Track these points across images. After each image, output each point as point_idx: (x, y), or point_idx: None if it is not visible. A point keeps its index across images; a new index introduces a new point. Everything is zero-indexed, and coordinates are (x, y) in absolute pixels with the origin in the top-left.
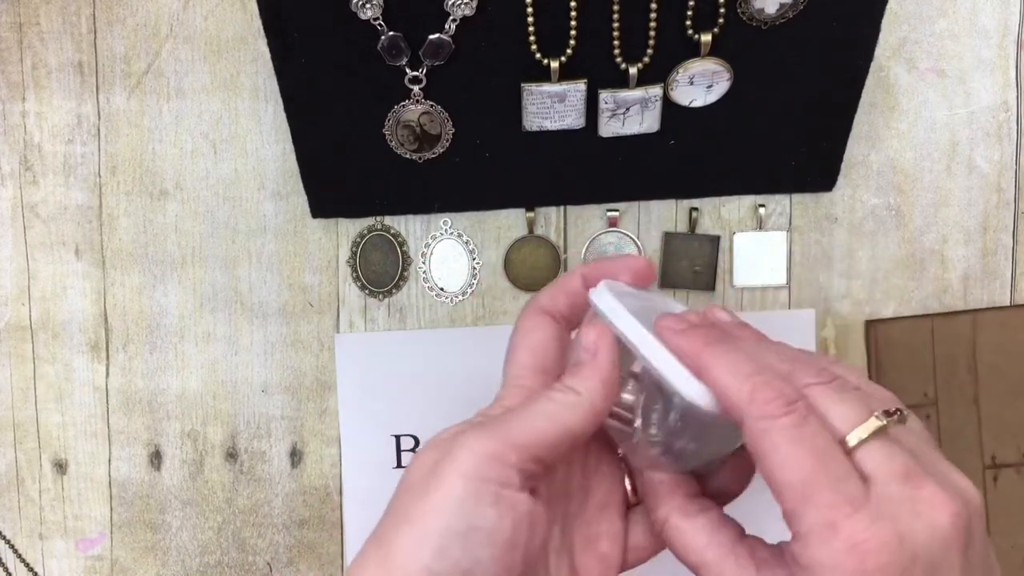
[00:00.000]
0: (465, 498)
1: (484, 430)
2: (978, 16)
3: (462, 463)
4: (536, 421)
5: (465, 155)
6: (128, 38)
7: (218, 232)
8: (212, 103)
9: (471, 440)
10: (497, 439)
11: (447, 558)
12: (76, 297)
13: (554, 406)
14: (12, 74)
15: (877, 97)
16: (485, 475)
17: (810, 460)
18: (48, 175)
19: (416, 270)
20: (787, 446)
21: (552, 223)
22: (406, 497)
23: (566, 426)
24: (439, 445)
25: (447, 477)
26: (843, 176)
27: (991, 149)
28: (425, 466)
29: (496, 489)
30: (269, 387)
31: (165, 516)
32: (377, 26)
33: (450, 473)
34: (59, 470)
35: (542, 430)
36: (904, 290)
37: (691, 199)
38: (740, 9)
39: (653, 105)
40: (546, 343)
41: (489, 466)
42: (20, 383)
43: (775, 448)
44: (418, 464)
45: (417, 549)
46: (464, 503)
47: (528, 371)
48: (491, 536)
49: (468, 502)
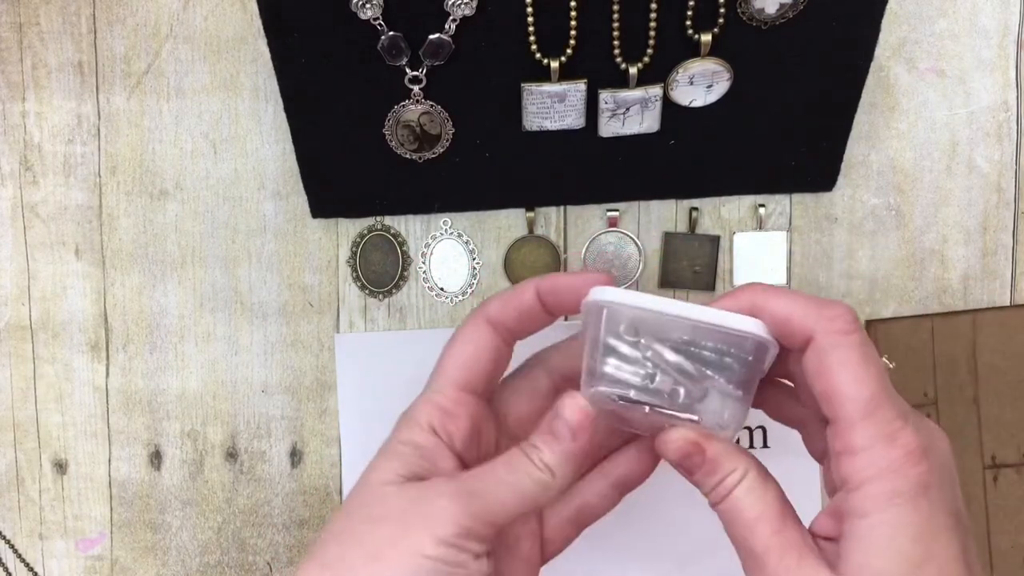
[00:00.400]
0: (436, 560)
1: (461, 498)
2: (978, 16)
3: (440, 528)
4: (510, 497)
5: (465, 155)
6: (128, 38)
7: (218, 232)
8: (212, 103)
9: (449, 505)
10: (473, 512)
11: None
12: (76, 297)
13: (530, 484)
14: (12, 74)
15: (877, 97)
16: (459, 546)
17: (877, 376)
18: (48, 175)
19: (416, 270)
20: (859, 361)
21: (552, 223)
22: (369, 534)
23: (536, 503)
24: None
25: (421, 535)
26: (843, 176)
27: (991, 149)
28: (386, 505)
29: (466, 559)
30: (269, 387)
31: (165, 516)
32: (377, 26)
33: (424, 532)
34: (59, 470)
35: (514, 505)
36: (904, 290)
37: (691, 199)
38: (740, 9)
39: (653, 105)
40: (479, 358)
41: (464, 538)
42: (20, 383)
43: (846, 363)
44: (378, 498)
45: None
46: (435, 564)
47: (451, 387)
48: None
49: (438, 564)
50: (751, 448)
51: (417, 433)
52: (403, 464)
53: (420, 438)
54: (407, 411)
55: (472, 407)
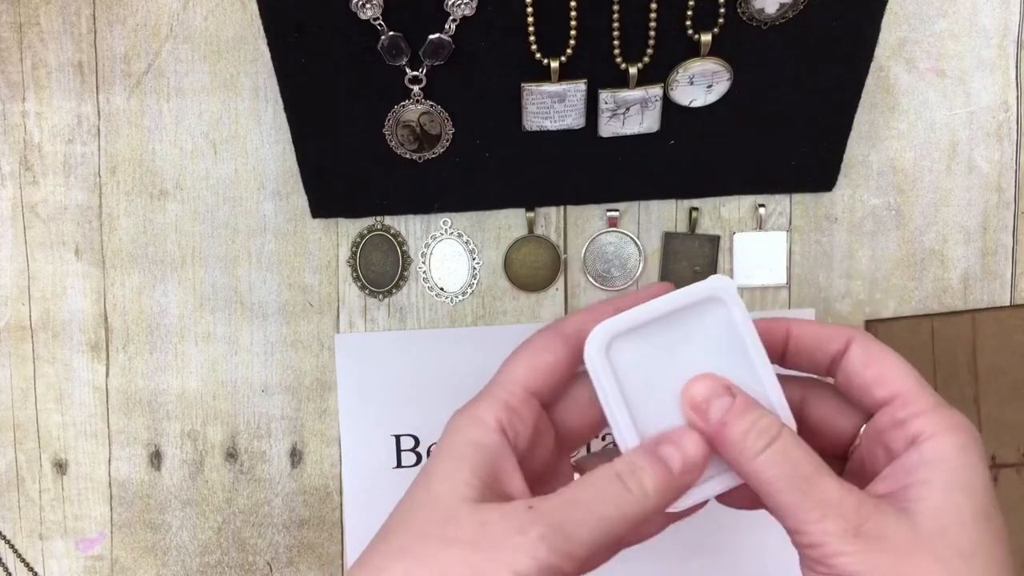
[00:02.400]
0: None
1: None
2: (978, 16)
3: (520, 564)
4: (597, 529)
5: (465, 155)
6: (128, 38)
7: (218, 232)
8: (212, 103)
9: (534, 542)
10: (557, 549)
11: None
12: (76, 297)
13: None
14: (12, 74)
15: (877, 97)
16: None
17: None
18: (48, 175)
19: (416, 270)
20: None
21: (552, 223)
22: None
23: (626, 529)
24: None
25: (502, 571)
26: (843, 176)
27: (991, 149)
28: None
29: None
30: (269, 387)
31: (165, 516)
32: (377, 26)
33: (502, 567)
34: (59, 470)
35: (601, 538)
36: (904, 290)
37: (691, 199)
38: (740, 9)
39: (653, 105)
40: (551, 369)
41: (545, 572)
42: (20, 383)
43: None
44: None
45: None
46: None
47: (519, 387)
48: None
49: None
50: None
51: (483, 432)
52: (472, 472)
53: (487, 438)
54: (466, 409)
55: (537, 414)
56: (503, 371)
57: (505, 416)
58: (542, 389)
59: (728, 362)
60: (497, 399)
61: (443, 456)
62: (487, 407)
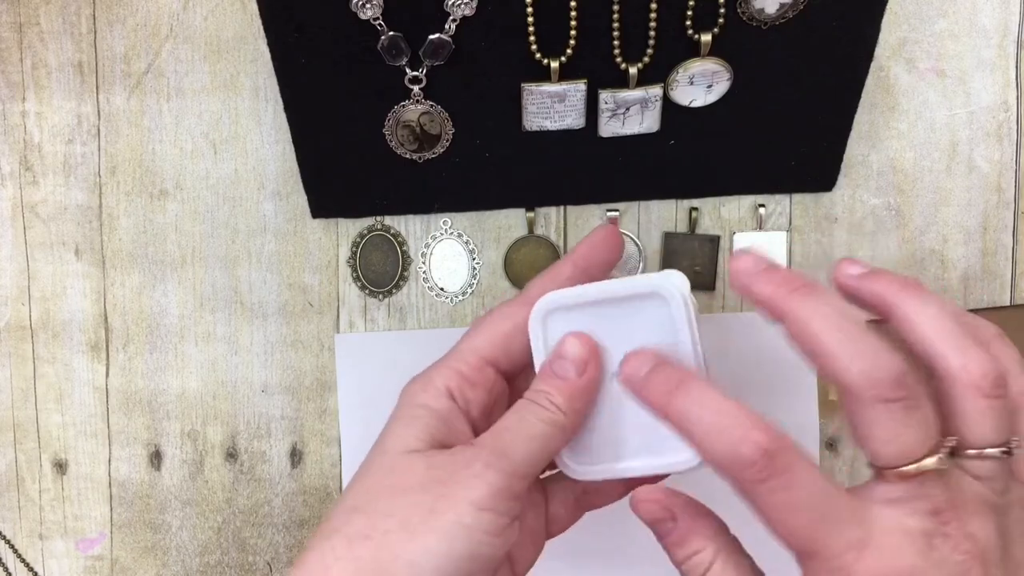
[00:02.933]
0: (474, 527)
1: (490, 459)
2: (978, 16)
3: (475, 492)
4: (531, 445)
5: (465, 155)
6: (128, 38)
7: (218, 232)
8: (212, 103)
9: (482, 469)
10: (504, 470)
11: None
12: (76, 297)
13: (544, 428)
14: (12, 74)
15: (877, 97)
16: (496, 507)
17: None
18: (48, 175)
19: (416, 270)
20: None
21: (552, 223)
22: (400, 505)
23: (554, 450)
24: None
25: (459, 503)
26: (843, 176)
27: (991, 149)
28: (415, 473)
29: (505, 521)
30: (269, 387)
31: (165, 516)
32: (377, 26)
33: (461, 500)
34: (59, 470)
35: (537, 452)
36: None
37: (691, 199)
38: (740, 9)
39: (653, 105)
40: (508, 336)
41: (499, 498)
42: (20, 383)
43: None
44: (405, 467)
45: (416, 562)
46: (472, 531)
47: (473, 356)
48: (488, 562)
49: (476, 531)
50: None
51: (433, 397)
52: (423, 429)
53: (437, 403)
54: (420, 376)
55: (492, 381)
56: (462, 340)
57: (456, 383)
58: (499, 357)
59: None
60: (450, 367)
61: (395, 419)
62: (439, 374)
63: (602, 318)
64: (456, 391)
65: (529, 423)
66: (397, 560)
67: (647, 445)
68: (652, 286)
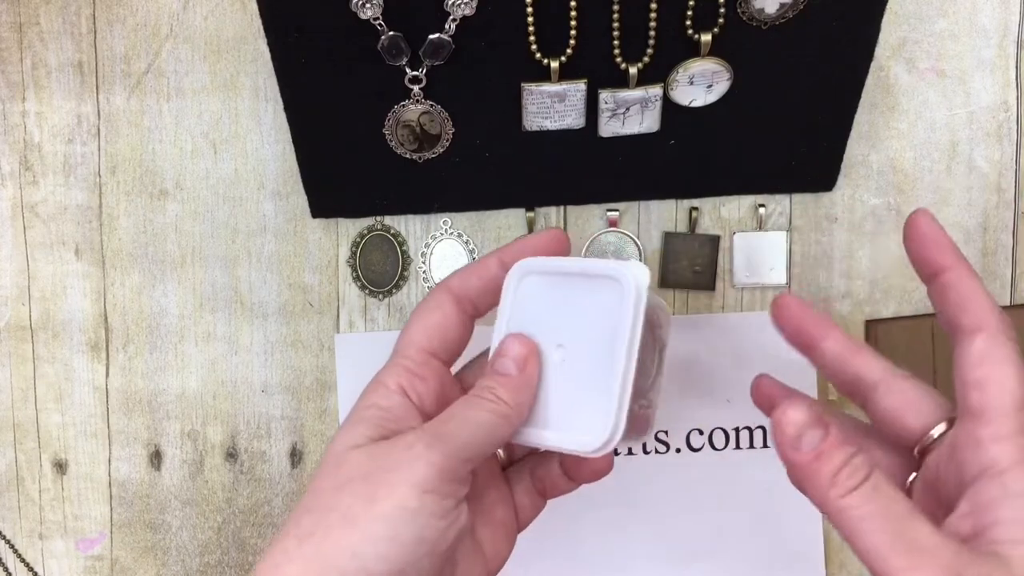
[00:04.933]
0: (418, 510)
1: (432, 441)
2: (978, 16)
3: (416, 474)
4: (476, 431)
5: (465, 155)
6: (128, 38)
7: (218, 232)
8: (212, 103)
9: (422, 451)
10: (446, 452)
11: (389, 564)
12: (76, 297)
13: (490, 417)
14: (12, 74)
15: (877, 97)
16: (439, 489)
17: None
18: (48, 175)
19: (416, 270)
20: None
21: (552, 223)
22: (343, 497)
23: (500, 438)
24: (371, 448)
25: (400, 487)
26: (843, 176)
27: (991, 149)
28: (358, 465)
29: (449, 503)
30: (269, 387)
31: (165, 516)
32: (377, 26)
33: (402, 483)
34: (59, 470)
35: (481, 438)
36: (904, 290)
37: (691, 199)
38: (740, 9)
39: (653, 105)
40: (444, 326)
41: (442, 480)
42: (20, 383)
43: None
44: (349, 461)
45: (358, 551)
46: (416, 515)
47: (414, 350)
48: (436, 545)
49: (420, 514)
50: (751, 448)
51: (384, 396)
52: (369, 427)
53: (387, 400)
54: (373, 378)
55: (439, 371)
56: (401, 336)
57: (405, 380)
58: (438, 348)
59: (594, 337)
60: (398, 365)
61: (346, 421)
62: (389, 373)
63: (567, 288)
64: (407, 387)
65: (474, 411)
66: (342, 552)
67: (565, 421)
68: (614, 271)
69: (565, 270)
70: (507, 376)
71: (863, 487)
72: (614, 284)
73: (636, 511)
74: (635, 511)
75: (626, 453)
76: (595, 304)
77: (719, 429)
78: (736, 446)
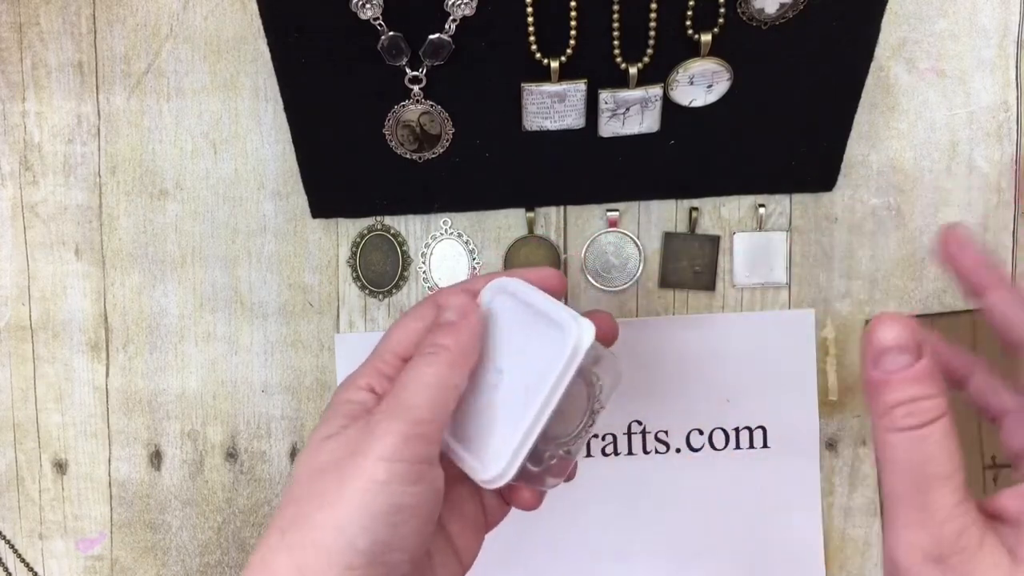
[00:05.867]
0: (389, 480)
1: (393, 413)
2: (978, 16)
3: (383, 448)
4: (430, 389)
5: (465, 155)
6: (128, 38)
7: (218, 232)
8: (212, 103)
9: (387, 423)
10: (407, 420)
11: (372, 535)
12: (76, 297)
13: (437, 370)
14: (12, 74)
15: (877, 97)
16: (407, 456)
17: None
18: (48, 175)
19: (416, 270)
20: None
21: (552, 223)
22: (318, 483)
23: (454, 386)
24: (341, 435)
25: (367, 463)
26: (843, 176)
27: (991, 149)
28: (331, 452)
29: (420, 468)
30: (269, 387)
31: (165, 516)
32: (377, 26)
33: (369, 459)
34: (59, 470)
35: (436, 398)
36: (904, 290)
37: (691, 199)
38: (740, 9)
39: (653, 105)
40: (420, 335)
41: (408, 447)
42: (20, 383)
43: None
44: (323, 451)
45: (341, 528)
46: (389, 485)
47: (389, 354)
48: (415, 511)
49: (393, 483)
50: (751, 448)
51: (354, 392)
52: (343, 418)
53: (358, 396)
54: (347, 377)
55: None
56: (379, 343)
57: (375, 379)
58: (409, 353)
59: (529, 374)
60: (369, 366)
61: (320, 420)
62: (361, 373)
63: (527, 320)
64: (376, 385)
65: (421, 372)
66: (325, 532)
67: (476, 443)
68: (561, 321)
69: (530, 302)
70: (448, 324)
71: (913, 432)
72: (560, 332)
73: (636, 511)
74: (635, 511)
75: (626, 453)
76: (541, 344)
77: (719, 429)
78: (736, 446)
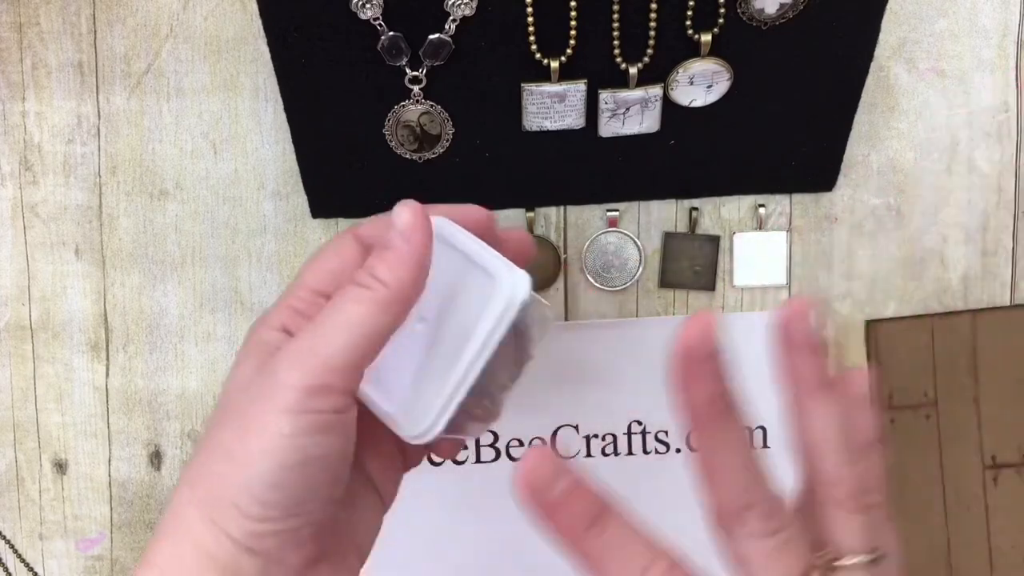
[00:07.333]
0: (296, 434)
1: (298, 359)
2: (978, 16)
3: (285, 400)
4: (349, 335)
5: (465, 155)
6: (128, 38)
7: (218, 232)
8: (212, 103)
9: (288, 374)
10: (314, 369)
11: (282, 490)
12: (76, 297)
13: (365, 309)
14: (12, 74)
15: (877, 97)
16: (313, 408)
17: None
18: (48, 175)
19: None
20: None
21: (552, 223)
22: (225, 433)
23: (382, 330)
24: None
25: (269, 416)
26: (843, 176)
27: (991, 149)
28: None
29: (328, 418)
30: None
31: None
32: (377, 26)
33: (271, 412)
34: (59, 470)
35: (356, 344)
36: (904, 290)
37: (691, 199)
38: (740, 9)
39: (653, 105)
40: (340, 272)
41: (315, 399)
42: (20, 383)
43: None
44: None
45: (248, 484)
46: (295, 439)
47: (304, 291)
48: (327, 460)
49: (299, 438)
50: None
51: (267, 332)
52: (257, 361)
53: (269, 335)
54: (259, 318)
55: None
56: (296, 277)
57: (289, 318)
58: (329, 289)
59: (455, 325)
60: (284, 304)
61: (234, 364)
62: (274, 312)
63: (456, 266)
64: (291, 325)
65: (344, 310)
66: (236, 490)
67: (397, 394)
68: (495, 272)
69: (463, 248)
70: (390, 250)
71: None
72: (492, 283)
73: (636, 511)
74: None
75: (626, 453)
76: (469, 293)
77: None
78: None
